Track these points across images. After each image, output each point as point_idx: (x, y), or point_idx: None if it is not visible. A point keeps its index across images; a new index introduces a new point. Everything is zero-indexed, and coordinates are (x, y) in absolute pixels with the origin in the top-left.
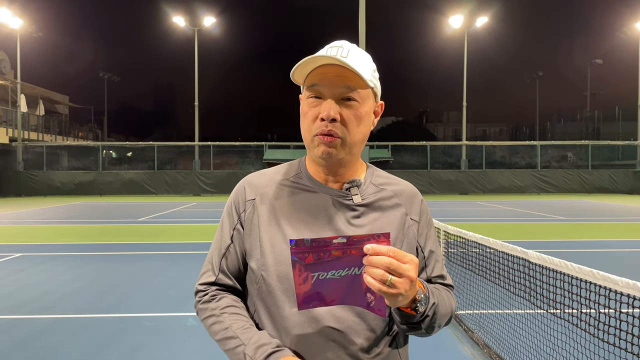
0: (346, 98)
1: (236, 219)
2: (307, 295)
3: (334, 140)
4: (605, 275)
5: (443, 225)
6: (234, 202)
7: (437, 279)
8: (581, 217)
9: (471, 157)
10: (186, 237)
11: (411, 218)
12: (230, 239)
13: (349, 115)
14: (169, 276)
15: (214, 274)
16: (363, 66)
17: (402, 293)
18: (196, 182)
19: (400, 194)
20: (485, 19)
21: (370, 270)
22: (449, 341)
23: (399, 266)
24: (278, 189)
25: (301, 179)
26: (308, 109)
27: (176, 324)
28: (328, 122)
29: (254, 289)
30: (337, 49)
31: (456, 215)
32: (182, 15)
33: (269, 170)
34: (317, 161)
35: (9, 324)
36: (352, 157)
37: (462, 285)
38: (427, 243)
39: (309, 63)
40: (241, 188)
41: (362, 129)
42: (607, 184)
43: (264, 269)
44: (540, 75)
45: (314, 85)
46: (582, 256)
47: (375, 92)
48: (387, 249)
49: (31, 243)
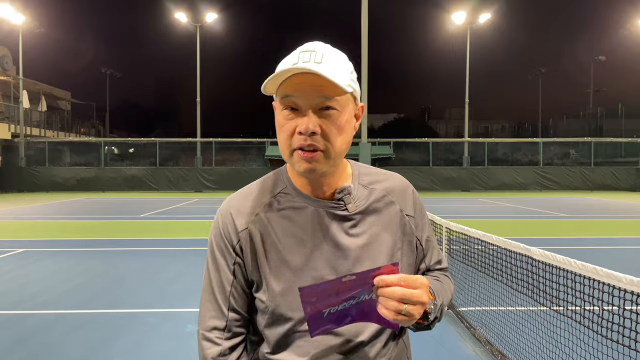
0: (325, 107)
1: (232, 252)
2: (319, 325)
3: (315, 156)
4: (609, 272)
5: (445, 222)
6: (225, 235)
7: (436, 265)
8: (584, 215)
9: (473, 154)
10: (188, 234)
11: (407, 214)
12: (232, 274)
13: (329, 126)
14: (171, 272)
15: (224, 316)
16: (339, 71)
17: (416, 317)
18: (198, 178)
19: (392, 191)
20: (488, 15)
21: (384, 302)
22: (451, 338)
23: (412, 294)
24: (269, 212)
25: (289, 194)
26: (284, 122)
27: (178, 320)
28: (307, 136)
29: (264, 319)
30: (309, 53)
31: (458, 212)
32: (184, 11)
33: (252, 190)
34: (299, 175)
35: (12, 320)
36: (336, 167)
37: (465, 282)
38: (424, 233)
39: (281, 75)
40: (228, 219)
41: (344, 138)
42: (609, 181)
43: (272, 301)
44: (543, 72)
45: (288, 96)
46: (584, 253)
47: (355, 95)
48: (398, 278)
49: (33, 239)
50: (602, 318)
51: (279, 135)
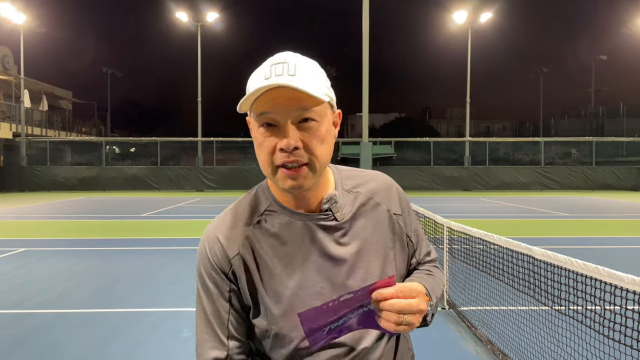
0: (303, 119)
1: (226, 279)
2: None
3: (300, 172)
4: (611, 271)
5: (447, 222)
6: (216, 263)
7: (426, 257)
8: (585, 214)
9: (474, 153)
10: (189, 233)
11: (394, 213)
12: (228, 302)
13: (310, 139)
14: (171, 271)
15: (224, 346)
16: (314, 80)
17: (416, 325)
18: (199, 177)
19: (376, 192)
20: (489, 14)
21: (385, 315)
22: (452, 338)
23: (410, 305)
24: (257, 233)
25: (275, 211)
26: (263, 139)
27: (179, 320)
28: (290, 152)
29: (267, 343)
30: (281, 65)
31: (459, 212)
32: (185, 10)
33: (236, 212)
34: (282, 192)
35: (13, 319)
36: (321, 178)
37: (466, 281)
38: (412, 227)
39: (256, 93)
40: (217, 246)
41: (326, 148)
42: (611, 180)
43: (273, 324)
44: (544, 71)
45: (264, 113)
46: (586, 253)
47: (332, 103)
48: (395, 290)
49: (35, 238)
50: (604, 318)
51: (258, 153)
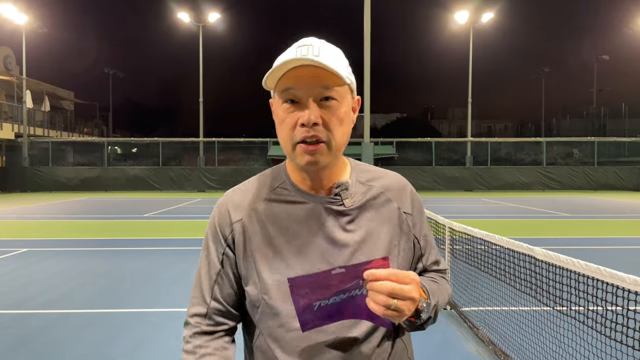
0: (324, 98)
1: (224, 243)
2: (310, 320)
3: (318, 148)
4: (613, 272)
5: (448, 222)
6: (218, 225)
7: (433, 266)
8: (587, 214)
9: (476, 153)
10: (191, 233)
11: (404, 212)
12: (220, 264)
13: (329, 116)
14: (173, 272)
15: (205, 304)
16: (337, 63)
17: (406, 313)
18: (201, 178)
19: (389, 189)
20: (491, 14)
21: (373, 296)
22: (454, 338)
23: (402, 289)
24: (265, 206)
25: (287, 189)
26: (285, 115)
27: (181, 320)
28: (309, 127)
29: (255, 312)
30: (307, 47)
31: (461, 212)
32: (187, 11)
33: (250, 184)
34: (300, 170)
35: (16, 319)
36: (336, 160)
37: (468, 282)
38: (422, 231)
39: (281, 68)
40: (224, 210)
41: (345, 128)
42: (613, 180)
43: (264, 293)
44: (546, 71)
45: (288, 89)
46: (588, 253)
47: (352, 87)
48: (388, 273)
49: (37, 238)
50: (606, 318)
51: (279, 130)
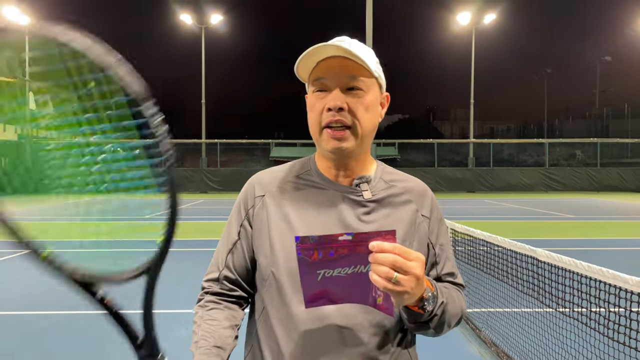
0: (351, 87)
1: (244, 215)
2: (314, 293)
3: (343, 134)
4: (615, 273)
5: (450, 223)
6: (242, 199)
7: (447, 277)
8: (590, 216)
9: (478, 154)
10: (193, 235)
11: (422, 214)
12: (237, 235)
13: (355, 103)
14: (176, 273)
15: (218, 270)
16: (366, 56)
17: (407, 291)
18: (203, 179)
19: (411, 191)
20: (493, 16)
21: (376, 267)
22: (456, 340)
23: (405, 263)
24: (287, 186)
25: (311, 175)
26: (315, 102)
27: (183, 322)
28: (335, 112)
29: (263, 285)
30: (339, 41)
31: (463, 213)
32: (189, 13)
33: (279, 168)
34: (327, 156)
35: (19, 321)
36: (362, 150)
37: (470, 283)
38: (439, 239)
39: (313, 54)
40: (250, 186)
41: (370, 117)
42: (616, 182)
43: (273, 265)
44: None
45: (318, 79)
46: (591, 254)
47: (380, 82)
48: (393, 246)
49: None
50: (609, 320)
51: (309, 117)
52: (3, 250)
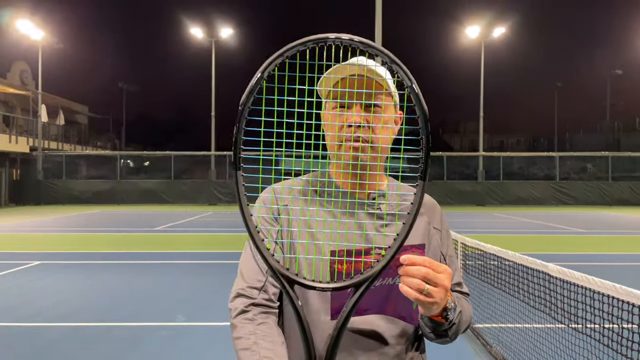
0: (370, 105)
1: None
2: (340, 306)
3: (362, 147)
4: (629, 290)
5: (461, 237)
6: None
7: (455, 287)
8: (602, 230)
9: (488, 168)
10: (202, 247)
11: (434, 227)
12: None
13: (374, 120)
14: (185, 285)
15: (261, 280)
16: (387, 75)
17: (437, 302)
18: (212, 191)
19: (422, 204)
20: (503, 29)
21: (407, 280)
22: (466, 355)
23: (435, 276)
24: (307, 198)
25: (329, 188)
26: (334, 118)
27: (192, 334)
28: (355, 128)
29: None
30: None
31: (473, 227)
32: (200, 26)
33: (296, 181)
34: (345, 169)
35: (27, 332)
36: (378, 165)
37: (481, 298)
38: (448, 251)
39: (336, 72)
40: (270, 194)
41: (387, 133)
42: (628, 195)
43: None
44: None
45: (339, 96)
46: (603, 270)
47: (396, 101)
48: (423, 259)
49: (50, 251)
50: (622, 336)
51: (328, 131)
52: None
